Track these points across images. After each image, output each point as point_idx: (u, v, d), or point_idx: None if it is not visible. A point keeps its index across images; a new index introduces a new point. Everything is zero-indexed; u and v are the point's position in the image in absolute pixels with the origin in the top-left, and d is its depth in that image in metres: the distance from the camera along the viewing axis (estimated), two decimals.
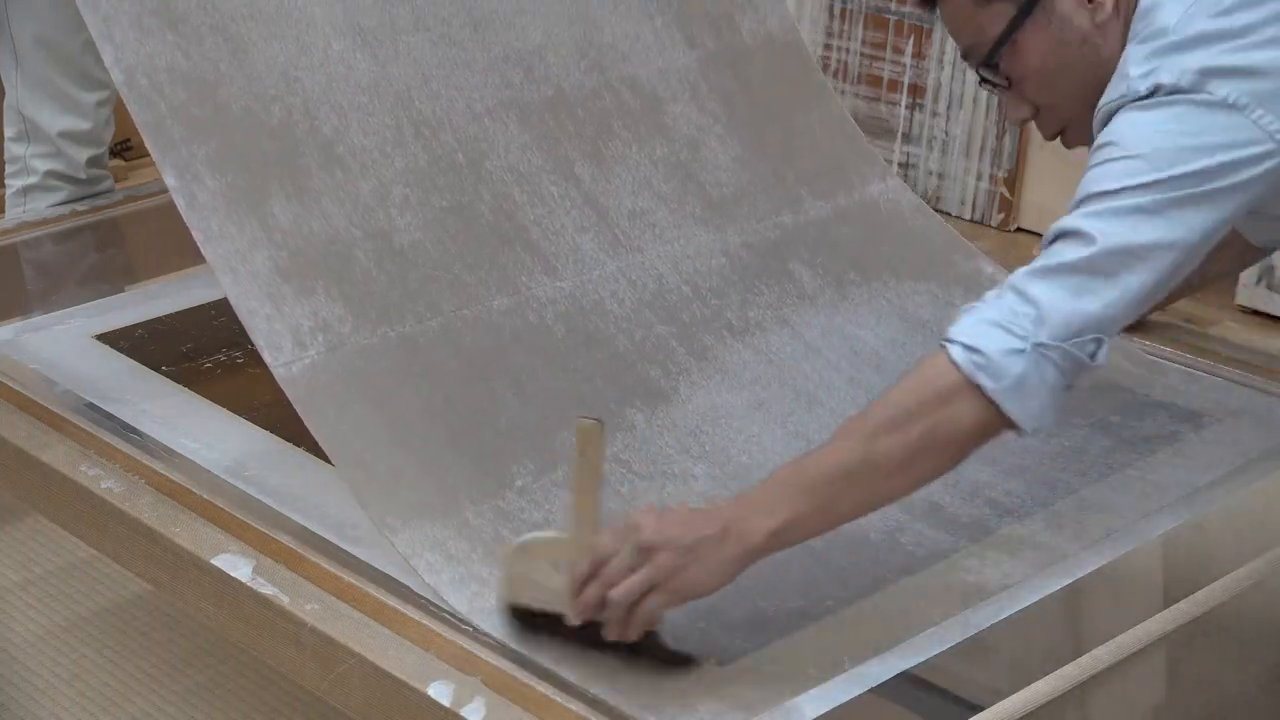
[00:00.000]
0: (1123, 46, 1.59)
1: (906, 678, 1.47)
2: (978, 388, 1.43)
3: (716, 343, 1.89)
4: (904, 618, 1.54)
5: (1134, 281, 1.46)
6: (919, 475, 1.47)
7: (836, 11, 3.95)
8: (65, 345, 2.08)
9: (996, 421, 1.45)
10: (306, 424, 1.64)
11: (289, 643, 1.55)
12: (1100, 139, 1.54)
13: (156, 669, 2.35)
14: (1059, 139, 1.69)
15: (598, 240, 1.91)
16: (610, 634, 1.44)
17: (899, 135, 3.91)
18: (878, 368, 1.93)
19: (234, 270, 1.69)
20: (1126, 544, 1.66)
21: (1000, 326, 1.45)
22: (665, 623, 1.46)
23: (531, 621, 1.49)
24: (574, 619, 1.45)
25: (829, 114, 2.25)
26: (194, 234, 1.69)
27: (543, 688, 1.43)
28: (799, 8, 4.00)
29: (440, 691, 1.43)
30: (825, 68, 4.00)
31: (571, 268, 1.88)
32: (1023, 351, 1.43)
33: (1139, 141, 1.49)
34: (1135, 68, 1.53)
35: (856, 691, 1.44)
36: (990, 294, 1.49)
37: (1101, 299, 1.46)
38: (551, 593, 1.46)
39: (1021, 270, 1.48)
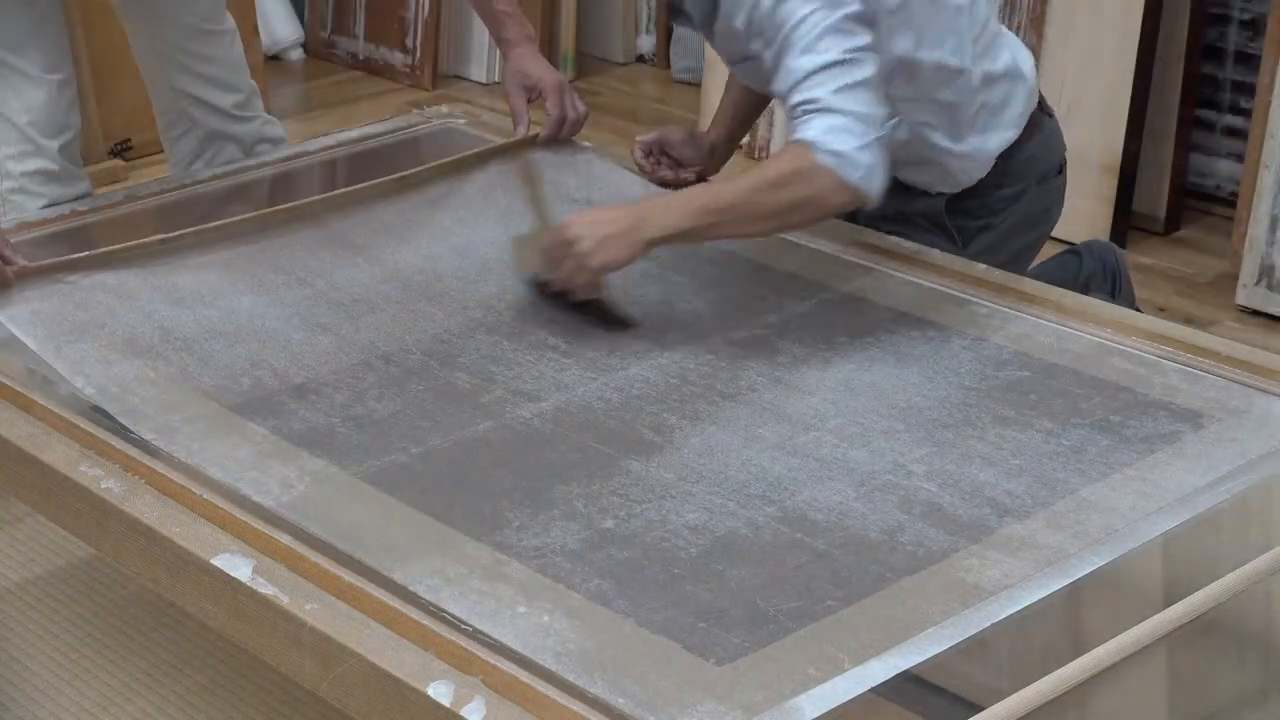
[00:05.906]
0: None
1: (906, 678, 1.47)
2: (842, 179, 1.97)
3: (709, 406, 1.93)
4: (904, 618, 1.54)
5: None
6: (781, 227, 2.10)
7: None
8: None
9: (854, 199, 2.00)
10: (303, 526, 1.69)
11: (289, 643, 1.55)
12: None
13: (156, 669, 2.35)
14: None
15: (579, 372, 2.01)
16: (572, 295, 2.07)
17: None
18: (876, 397, 1.93)
19: (220, 464, 1.80)
20: (1126, 544, 1.66)
21: (845, 132, 1.96)
22: (611, 290, 2.10)
23: (537, 284, 2.13)
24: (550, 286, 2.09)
25: (800, 256, 2.29)
26: (175, 452, 1.81)
27: (543, 688, 1.43)
28: None
29: (440, 691, 1.43)
30: None
31: (555, 393, 1.96)
32: (868, 146, 1.97)
33: None
34: None
35: (856, 691, 1.45)
36: (810, 115, 1.98)
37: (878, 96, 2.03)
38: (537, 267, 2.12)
39: (823, 92, 1.98)
